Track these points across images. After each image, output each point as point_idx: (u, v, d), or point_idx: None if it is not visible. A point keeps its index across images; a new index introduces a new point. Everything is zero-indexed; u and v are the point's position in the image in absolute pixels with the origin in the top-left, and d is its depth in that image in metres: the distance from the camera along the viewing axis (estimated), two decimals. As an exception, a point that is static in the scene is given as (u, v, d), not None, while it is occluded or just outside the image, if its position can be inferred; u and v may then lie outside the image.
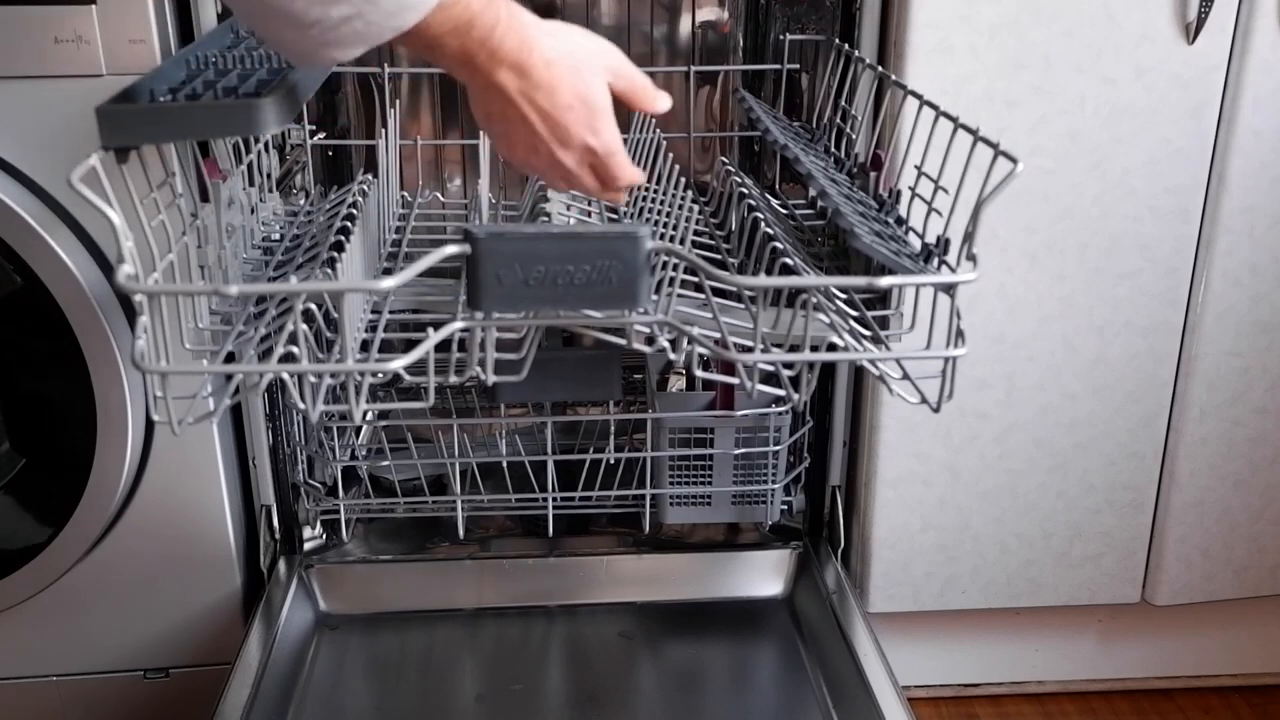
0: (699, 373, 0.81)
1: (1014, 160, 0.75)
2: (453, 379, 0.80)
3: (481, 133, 1.15)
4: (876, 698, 1.10)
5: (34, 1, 1.05)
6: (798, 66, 1.36)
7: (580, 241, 0.69)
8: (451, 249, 0.68)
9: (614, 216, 1.16)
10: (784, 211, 1.24)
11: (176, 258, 0.86)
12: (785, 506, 1.38)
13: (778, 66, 1.35)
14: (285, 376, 0.73)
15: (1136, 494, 1.36)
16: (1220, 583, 1.40)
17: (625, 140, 0.86)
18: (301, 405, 0.74)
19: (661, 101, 0.89)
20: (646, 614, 1.30)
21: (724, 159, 1.20)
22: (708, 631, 1.28)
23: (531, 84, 0.78)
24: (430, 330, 0.72)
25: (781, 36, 1.35)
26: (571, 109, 0.79)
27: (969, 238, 0.77)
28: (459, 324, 0.74)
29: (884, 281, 0.72)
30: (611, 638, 1.27)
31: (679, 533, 1.40)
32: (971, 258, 0.76)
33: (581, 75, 0.79)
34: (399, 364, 0.70)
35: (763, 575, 1.35)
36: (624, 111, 0.85)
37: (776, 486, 1.33)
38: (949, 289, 0.77)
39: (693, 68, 1.39)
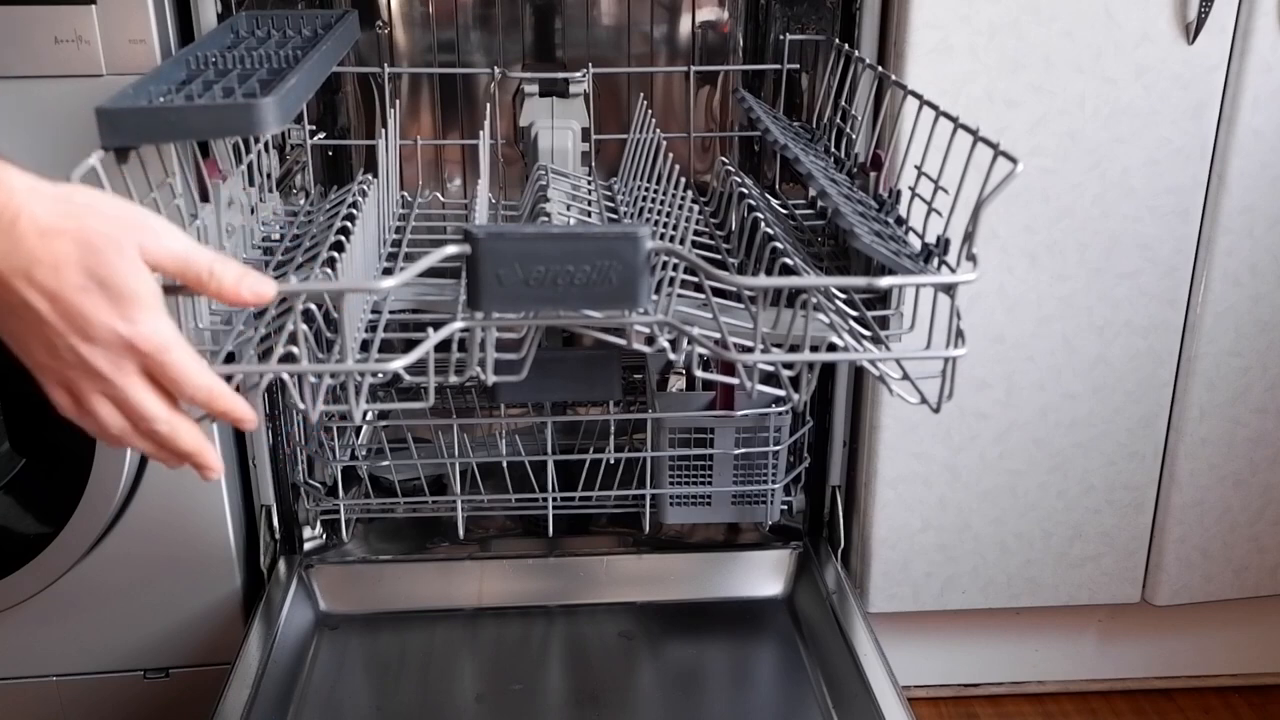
0: (699, 373, 0.81)
1: (1014, 160, 0.74)
2: (453, 379, 0.79)
3: (481, 133, 1.16)
4: (876, 698, 1.10)
5: (34, 1, 1.05)
6: (797, 67, 1.35)
7: (580, 241, 0.69)
8: (452, 249, 0.68)
9: (614, 217, 1.16)
10: (784, 212, 1.24)
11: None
12: (785, 506, 1.38)
13: (778, 67, 1.35)
14: (285, 376, 0.73)
15: (1136, 494, 1.36)
16: (1220, 583, 1.40)
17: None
18: (301, 405, 0.74)
19: (248, 288, 0.68)
20: (646, 614, 1.30)
21: (724, 159, 1.20)
22: (708, 631, 1.27)
23: (24, 259, 0.61)
24: (430, 330, 0.71)
25: (781, 37, 1.35)
26: (86, 291, 0.62)
27: (969, 238, 0.77)
28: (459, 324, 0.74)
29: (884, 282, 0.72)
30: (611, 638, 1.27)
31: (679, 533, 1.40)
32: (971, 258, 0.76)
33: (97, 253, 0.62)
34: (399, 364, 0.70)
35: (763, 575, 1.35)
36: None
37: (776, 486, 1.33)
38: (949, 289, 0.77)
39: (693, 68, 1.39)
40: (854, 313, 0.90)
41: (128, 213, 0.64)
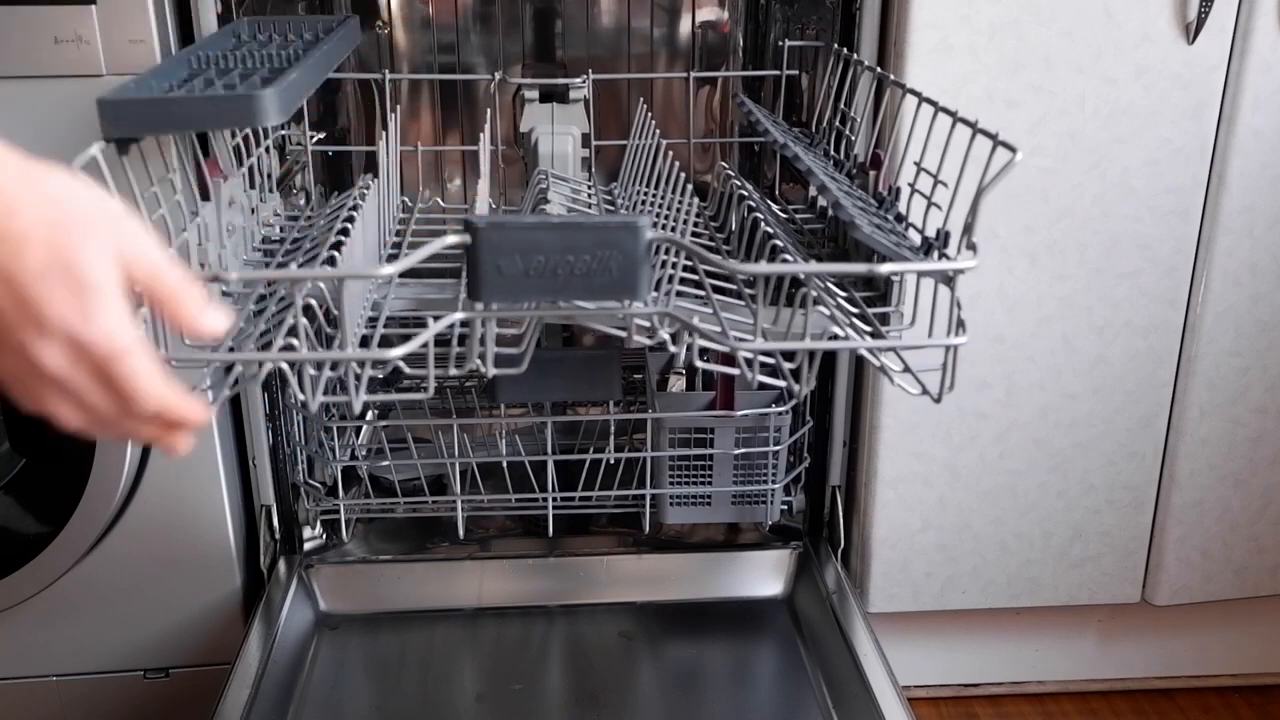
0: (699, 362, 0.81)
1: (1013, 149, 0.75)
2: (453, 370, 0.79)
3: (482, 136, 1.16)
4: (876, 698, 1.10)
5: (34, 1, 1.05)
6: (796, 72, 1.36)
7: (580, 231, 0.69)
8: (452, 238, 0.68)
9: (612, 210, 1.16)
10: (784, 216, 1.24)
11: (177, 252, 0.86)
12: (785, 506, 1.38)
13: (777, 73, 1.35)
14: (284, 366, 0.73)
15: (1136, 494, 1.36)
16: (1220, 583, 1.40)
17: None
18: (301, 395, 0.74)
19: (210, 321, 0.60)
20: (646, 614, 1.30)
21: (724, 164, 1.20)
22: (708, 631, 1.27)
23: None
24: (431, 320, 0.72)
25: (781, 42, 1.36)
26: (46, 278, 0.54)
27: (969, 228, 0.77)
28: (459, 314, 0.74)
29: (885, 268, 0.72)
30: (611, 638, 1.26)
31: (679, 533, 1.40)
32: (972, 246, 0.76)
33: (70, 235, 0.54)
34: (398, 352, 0.70)
35: (763, 575, 1.35)
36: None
37: (776, 486, 1.33)
38: (949, 278, 0.77)
39: (692, 74, 1.39)
40: (855, 310, 0.90)
41: (108, 203, 0.57)
